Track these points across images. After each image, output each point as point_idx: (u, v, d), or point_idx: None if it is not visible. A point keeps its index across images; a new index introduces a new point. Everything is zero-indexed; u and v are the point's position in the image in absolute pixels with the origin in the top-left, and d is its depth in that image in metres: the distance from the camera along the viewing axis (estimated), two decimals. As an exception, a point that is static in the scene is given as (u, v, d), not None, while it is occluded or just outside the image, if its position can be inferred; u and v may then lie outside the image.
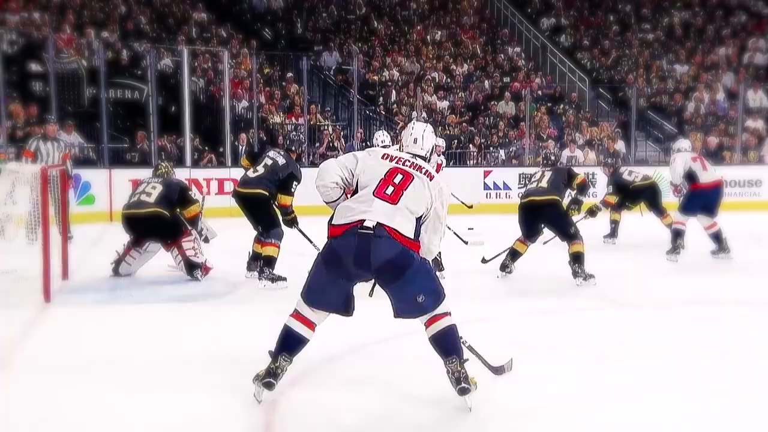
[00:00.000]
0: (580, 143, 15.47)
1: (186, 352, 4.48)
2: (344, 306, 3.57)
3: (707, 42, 19.93)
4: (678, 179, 8.54)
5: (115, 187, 11.51)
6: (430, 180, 3.62)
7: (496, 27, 20.63)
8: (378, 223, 3.40)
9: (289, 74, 15.85)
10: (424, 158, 3.76)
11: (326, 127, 14.96)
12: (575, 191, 7.17)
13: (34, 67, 13.36)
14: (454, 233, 9.40)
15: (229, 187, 12.30)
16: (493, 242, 8.70)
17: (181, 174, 12.27)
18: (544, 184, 7.02)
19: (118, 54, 14.37)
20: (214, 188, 12.45)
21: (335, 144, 14.42)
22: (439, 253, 7.24)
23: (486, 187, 13.40)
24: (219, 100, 14.25)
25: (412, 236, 3.48)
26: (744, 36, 19.95)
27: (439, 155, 10.97)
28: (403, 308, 3.56)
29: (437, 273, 6.95)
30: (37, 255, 5.95)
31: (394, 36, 18.94)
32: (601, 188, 13.19)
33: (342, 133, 15.05)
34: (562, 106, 17.15)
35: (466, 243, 8.63)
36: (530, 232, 7.07)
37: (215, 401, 3.58)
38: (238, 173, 11.89)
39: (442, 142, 11.32)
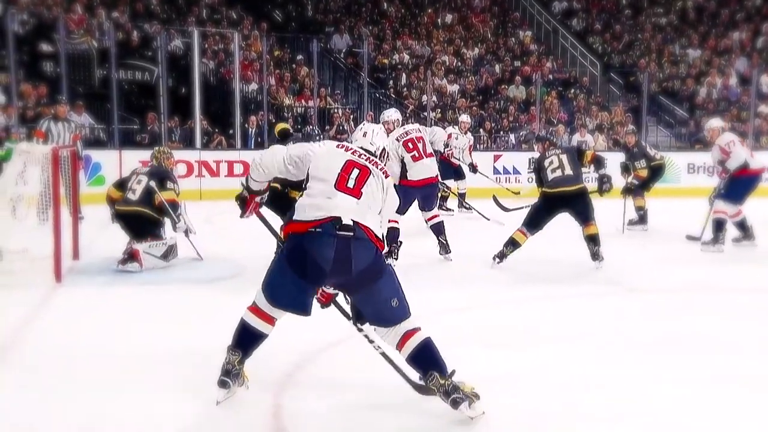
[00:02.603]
0: (590, 128, 15.40)
1: (194, 334, 4.50)
2: (303, 307, 3.29)
3: (720, 26, 19.75)
4: (738, 164, 7.89)
5: (125, 168, 11.49)
6: (385, 177, 3.45)
7: (508, 10, 20.50)
8: (354, 222, 3.19)
9: (300, 57, 15.81)
10: (373, 155, 3.53)
11: (336, 110, 14.94)
12: (591, 168, 7.04)
13: (45, 47, 13.37)
14: (477, 211, 9.47)
15: (238, 169, 12.33)
16: (500, 227, 8.73)
17: (191, 156, 12.44)
18: (569, 171, 6.69)
19: (129, 35, 14.36)
20: (223, 170, 12.49)
21: (345, 127, 14.39)
22: (445, 236, 7.29)
23: (496, 171, 13.37)
24: (229, 82, 14.24)
25: (379, 235, 3.31)
26: (758, 20, 19.77)
27: (465, 133, 10.95)
28: (374, 314, 3.30)
29: (445, 256, 7.11)
30: (48, 235, 5.98)
31: (405, 19, 18.85)
32: (611, 173, 13.17)
33: (352, 116, 15.02)
34: (572, 90, 17.06)
35: (488, 219, 8.66)
36: (541, 224, 6.78)
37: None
38: (248, 156, 11.94)
39: (467, 118, 11.28)
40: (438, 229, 7.24)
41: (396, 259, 6.91)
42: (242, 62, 14.51)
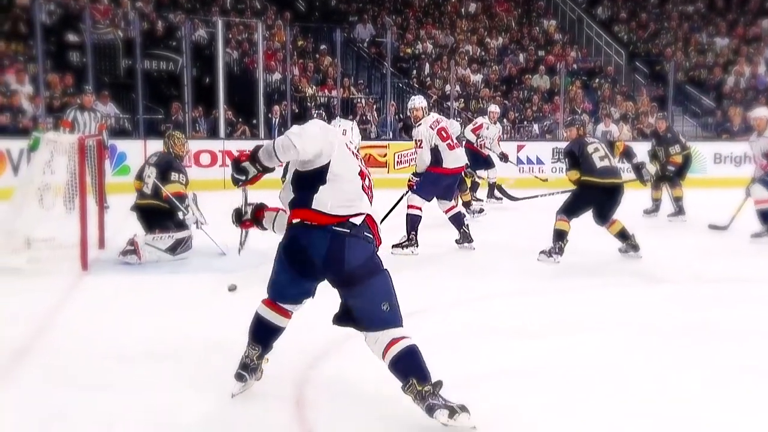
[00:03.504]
0: (615, 118, 15.26)
1: (217, 323, 4.52)
2: (299, 302, 3.31)
3: (749, 14, 19.42)
4: None
5: (150, 157, 11.62)
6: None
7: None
8: (364, 221, 3.12)
9: (323, 46, 15.83)
10: None
11: (359, 100, 14.94)
12: (623, 160, 6.95)
13: (72, 37, 13.49)
14: (507, 195, 9.49)
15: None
16: (526, 218, 8.71)
17: (215, 145, 12.51)
18: (615, 162, 6.61)
19: (154, 25, 14.44)
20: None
21: (368, 117, 14.40)
22: (467, 225, 7.27)
23: (519, 161, 13.29)
24: (252, 71, 14.28)
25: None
26: (789, 8, 19.44)
27: (495, 123, 10.90)
28: (364, 315, 3.12)
29: (466, 244, 7.10)
30: (75, 224, 6.03)
31: (429, 8, 18.77)
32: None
33: (375, 105, 15.03)
34: (597, 80, 16.90)
35: (518, 199, 8.90)
36: (579, 213, 6.61)
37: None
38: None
39: (496, 108, 11.20)
40: (458, 220, 7.22)
41: (417, 246, 6.92)
42: (266, 52, 14.55)
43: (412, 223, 6.97)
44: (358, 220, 3.10)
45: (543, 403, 3.39)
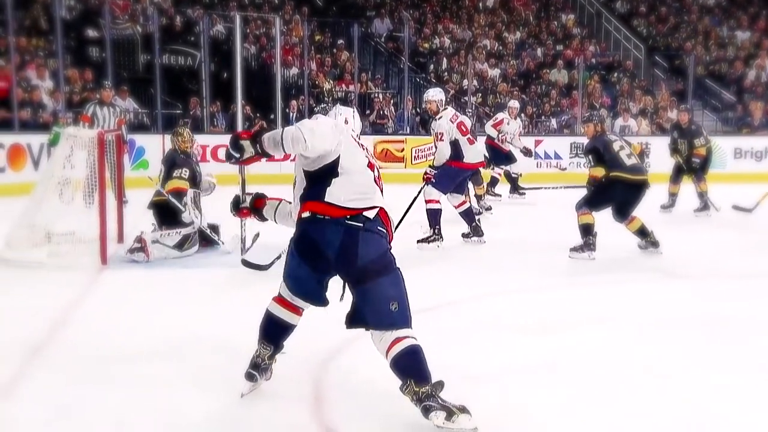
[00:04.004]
0: (633, 112, 15.15)
1: (228, 320, 4.53)
2: (317, 297, 3.24)
3: (771, 7, 19.19)
4: None
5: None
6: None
7: (550, -7, 20.23)
8: (377, 214, 3.08)
9: (340, 41, 15.80)
10: None
11: (376, 95, 14.92)
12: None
13: (91, 33, 13.58)
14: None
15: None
16: (541, 214, 8.68)
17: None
18: (639, 159, 6.64)
19: (172, 20, 14.50)
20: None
21: (385, 112, 14.39)
22: (479, 219, 7.25)
23: (537, 156, 13.22)
24: (270, 66, 14.30)
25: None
26: (812, 1, 19.18)
27: (515, 118, 10.86)
28: (372, 313, 3.05)
29: (476, 238, 7.08)
30: (94, 218, 6.08)
31: (446, 3, 18.69)
32: (654, 158, 12.95)
33: (392, 100, 15.00)
34: (616, 74, 16.77)
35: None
36: (600, 207, 6.55)
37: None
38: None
39: (515, 103, 11.15)
40: (469, 214, 7.21)
41: (442, 240, 6.92)
42: (283, 47, 14.55)
43: (434, 216, 6.98)
44: (371, 214, 3.05)
45: (555, 400, 3.37)
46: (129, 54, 13.86)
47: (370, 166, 3.18)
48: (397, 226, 6.46)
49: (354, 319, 3.15)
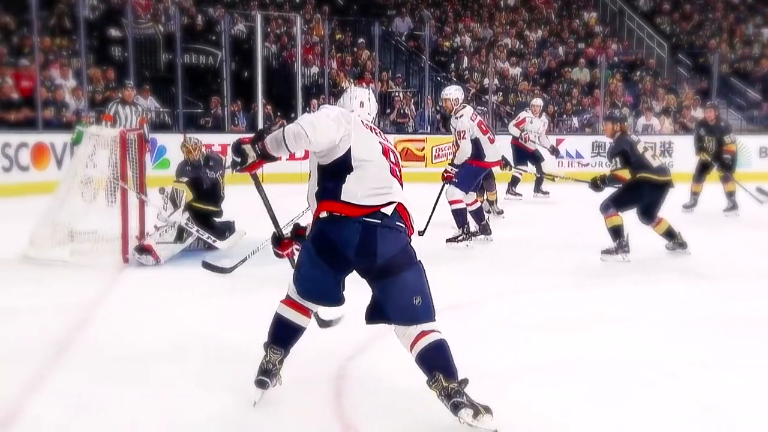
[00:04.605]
0: (656, 111, 15.00)
1: (257, 318, 4.49)
2: (333, 298, 3.15)
3: (799, 4, 18.92)
4: None
5: (189, 151, 11.70)
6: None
7: (572, -9, 20.07)
8: (395, 210, 3.01)
9: (361, 40, 15.79)
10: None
11: (397, 94, 14.90)
12: None
13: (114, 32, 13.66)
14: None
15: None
16: (566, 212, 8.59)
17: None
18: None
19: (193, 19, 14.55)
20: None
21: (405, 111, 14.36)
22: (488, 217, 7.20)
23: (559, 155, 13.11)
24: (291, 65, 14.32)
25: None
26: (839, -3, 18.88)
27: (539, 116, 10.79)
28: (394, 309, 3.00)
29: (484, 237, 7.04)
30: (116, 217, 6.11)
31: (467, 1, 18.62)
32: (677, 158, 12.84)
33: (413, 99, 14.96)
34: (638, 72, 16.62)
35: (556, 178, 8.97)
36: (626, 208, 6.45)
37: (286, 371, 3.36)
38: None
39: (539, 101, 11.06)
40: (479, 214, 7.21)
41: (471, 239, 6.92)
42: (304, 46, 14.56)
43: (461, 216, 6.97)
44: (388, 210, 3.00)
45: (573, 399, 3.34)
46: (151, 53, 13.92)
47: (386, 152, 3.10)
48: (424, 230, 6.54)
49: (374, 315, 3.09)
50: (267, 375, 3.20)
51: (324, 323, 3.68)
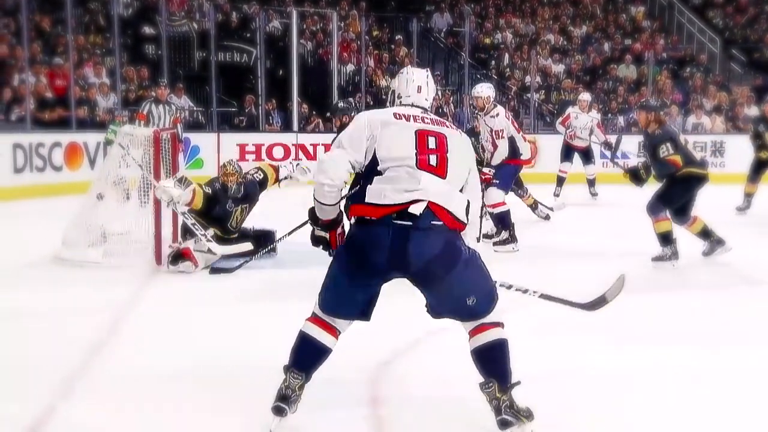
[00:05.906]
0: (707, 109, 14.43)
1: (287, 325, 4.24)
2: (362, 312, 2.93)
3: None
4: None
5: (223, 151, 11.52)
6: (461, 134, 3.01)
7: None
8: (427, 208, 2.76)
9: (399, 37, 15.59)
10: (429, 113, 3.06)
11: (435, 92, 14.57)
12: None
13: (147, 30, 13.58)
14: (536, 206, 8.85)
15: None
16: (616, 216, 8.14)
17: (288, 139, 12.38)
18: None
19: (228, 16, 14.46)
20: (320, 154, 12.32)
21: (444, 109, 14.03)
22: (513, 224, 6.85)
23: (603, 155, 12.65)
24: (327, 63, 14.12)
25: (465, 219, 2.87)
26: None
27: (588, 112, 10.36)
28: (450, 310, 2.89)
29: (511, 246, 6.64)
30: (149, 218, 6.07)
31: (509, -4, 18.28)
32: (729, 158, 12.40)
33: (452, 98, 14.72)
34: (688, 69, 16.07)
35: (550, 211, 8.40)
36: (674, 206, 6.11)
37: (322, 375, 3.16)
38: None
39: (586, 96, 10.63)
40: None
41: (517, 242, 6.76)
42: (340, 43, 14.39)
43: (504, 220, 6.78)
44: (417, 209, 2.75)
45: (604, 406, 3.29)
46: (185, 51, 13.83)
47: (421, 140, 2.88)
48: (479, 237, 6.19)
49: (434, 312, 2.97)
50: (285, 401, 2.92)
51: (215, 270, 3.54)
